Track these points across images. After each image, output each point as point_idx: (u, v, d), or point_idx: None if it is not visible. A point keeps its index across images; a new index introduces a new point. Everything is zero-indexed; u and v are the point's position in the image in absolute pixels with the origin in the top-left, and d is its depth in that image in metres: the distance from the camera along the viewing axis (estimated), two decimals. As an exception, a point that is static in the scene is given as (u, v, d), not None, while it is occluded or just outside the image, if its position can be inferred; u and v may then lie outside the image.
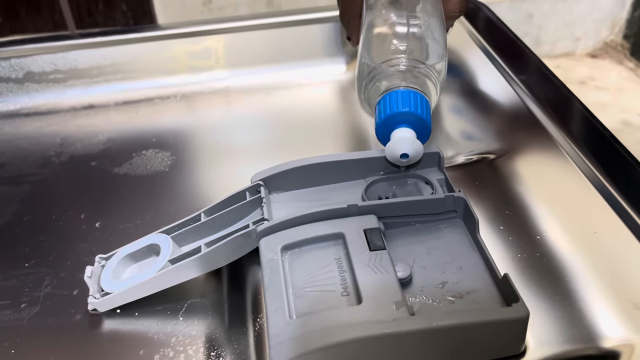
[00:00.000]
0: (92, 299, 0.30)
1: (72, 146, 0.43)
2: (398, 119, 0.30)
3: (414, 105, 0.30)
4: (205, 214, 0.32)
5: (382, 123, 0.31)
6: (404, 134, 0.30)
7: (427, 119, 0.30)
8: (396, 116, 0.30)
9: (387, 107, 0.30)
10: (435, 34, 0.33)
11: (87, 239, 0.35)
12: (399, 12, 0.34)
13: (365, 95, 0.33)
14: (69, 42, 0.48)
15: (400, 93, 0.30)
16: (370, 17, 0.34)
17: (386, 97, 0.31)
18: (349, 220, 0.29)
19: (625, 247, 0.29)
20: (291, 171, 0.32)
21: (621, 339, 0.25)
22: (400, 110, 0.30)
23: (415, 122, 0.30)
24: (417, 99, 0.30)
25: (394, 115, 0.30)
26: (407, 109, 0.30)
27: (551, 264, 0.29)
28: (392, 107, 0.30)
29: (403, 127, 0.30)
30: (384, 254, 0.27)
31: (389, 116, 0.30)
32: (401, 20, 0.33)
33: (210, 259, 0.30)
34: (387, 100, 0.31)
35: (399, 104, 0.30)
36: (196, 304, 0.31)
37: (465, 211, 0.29)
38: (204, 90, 0.49)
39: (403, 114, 0.30)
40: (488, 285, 0.26)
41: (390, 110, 0.30)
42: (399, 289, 0.25)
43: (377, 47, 0.33)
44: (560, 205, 0.33)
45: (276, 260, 0.27)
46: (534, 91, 0.40)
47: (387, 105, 0.31)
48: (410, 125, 0.30)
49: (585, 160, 0.34)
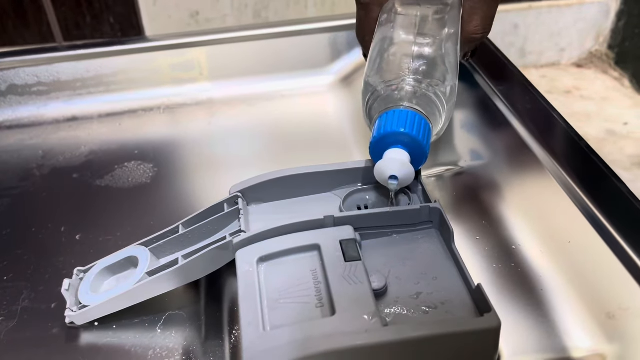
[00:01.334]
0: (70, 312, 0.30)
1: (54, 159, 0.43)
2: (393, 139, 0.29)
3: (409, 126, 0.28)
4: (183, 226, 0.32)
5: (376, 142, 0.29)
6: (396, 155, 0.28)
7: (423, 141, 0.28)
8: (391, 136, 0.28)
9: (383, 126, 0.29)
10: (447, 57, 0.32)
11: (67, 252, 0.35)
12: (408, 31, 0.32)
13: (367, 111, 0.32)
14: (52, 55, 0.48)
15: (399, 112, 0.29)
16: (380, 35, 0.33)
17: (384, 116, 0.29)
18: (325, 232, 0.29)
19: (598, 257, 0.29)
20: (269, 182, 0.32)
21: (593, 348, 0.26)
22: (395, 130, 0.28)
23: (411, 144, 0.29)
24: (416, 121, 0.29)
25: (389, 135, 0.28)
26: (403, 129, 0.28)
27: (526, 274, 0.29)
28: (388, 126, 0.29)
29: (397, 148, 0.29)
30: (359, 265, 0.27)
31: (383, 135, 0.28)
32: (410, 39, 0.32)
33: (188, 271, 0.30)
34: (385, 118, 0.29)
35: (395, 123, 0.29)
36: (174, 316, 0.31)
37: (441, 222, 0.30)
38: (187, 102, 0.49)
39: (399, 134, 0.28)
40: (462, 295, 0.27)
41: (385, 129, 0.29)
42: (372, 300, 0.25)
43: (384, 66, 0.32)
44: (536, 216, 0.33)
45: (252, 272, 0.27)
46: (513, 102, 0.41)
47: (383, 123, 0.29)
48: (406, 148, 0.29)
49: (562, 172, 0.34)
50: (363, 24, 0.35)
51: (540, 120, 0.38)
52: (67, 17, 0.75)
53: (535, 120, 0.38)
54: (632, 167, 0.71)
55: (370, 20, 0.35)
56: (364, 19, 0.35)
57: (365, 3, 0.34)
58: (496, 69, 0.44)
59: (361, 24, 0.36)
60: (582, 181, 0.33)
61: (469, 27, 0.33)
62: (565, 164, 0.34)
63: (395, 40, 0.32)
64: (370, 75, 0.32)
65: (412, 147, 0.29)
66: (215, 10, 0.77)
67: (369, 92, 0.31)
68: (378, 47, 0.33)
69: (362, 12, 0.35)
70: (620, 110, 0.81)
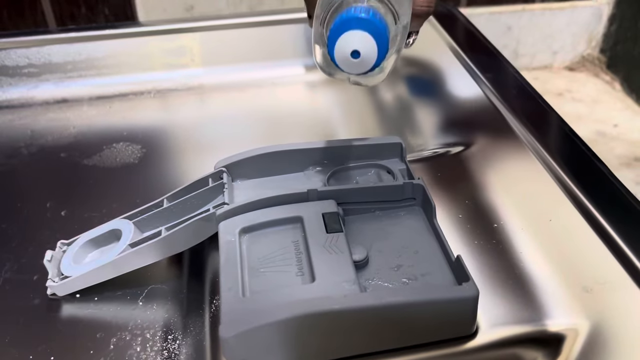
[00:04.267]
0: (51, 283, 0.30)
1: (43, 138, 0.43)
2: (353, 25, 0.26)
3: (372, 15, 0.26)
4: (167, 199, 0.32)
5: (335, 28, 0.27)
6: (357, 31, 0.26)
7: (384, 30, 0.26)
8: (351, 21, 0.26)
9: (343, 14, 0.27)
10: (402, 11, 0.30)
11: (51, 227, 0.35)
12: None
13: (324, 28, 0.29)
14: (43, 37, 0.48)
15: (359, 7, 0.27)
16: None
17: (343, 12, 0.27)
18: (308, 205, 0.29)
19: (578, 234, 0.29)
20: (254, 158, 0.32)
21: (569, 322, 0.26)
22: (357, 15, 0.26)
23: (372, 30, 0.26)
24: (378, 15, 0.27)
25: (349, 20, 0.26)
26: (364, 15, 0.26)
27: (506, 250, 0.30)
28: (349, 13, 0.26)
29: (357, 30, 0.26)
30: (340, 236, 0.27)
31: (344, 20, 0.26)
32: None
33: (170, 242, 0.30)
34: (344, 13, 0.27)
35: (356, 12, 0.26)
36: (156, 289, 0.31)
37: (424, 198, 0.30)
38: (178, 87, 0.49)
39: (359, 19, 0.26)
40: (442, 267, 0.27)
41: (347, 15, 0.26)
42: (352, 268, 0.25)
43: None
44: (519, 196, 0.33)
45: (233, 242, 0.27)
46: (500, 89, 0.41)
47: (343, 14, 0.27)
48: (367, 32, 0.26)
49: (544, 153, 0.34)
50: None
51: (525, 105, 0.38)
52: (62, 8, 0.75)
53: (520, 104, 0.38)
54: (621, 167, 0.71)
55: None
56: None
57: None
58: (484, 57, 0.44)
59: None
60: (564, 163, 0.33)
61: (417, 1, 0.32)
62: (548, 146, 0.35)
63: None
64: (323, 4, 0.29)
65: (373, 32, 0.26)
66: (210, 4, 0.78)
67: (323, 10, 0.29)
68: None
69: None
70: (610, 112, 0.82)
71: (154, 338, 0.28)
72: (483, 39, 0.48)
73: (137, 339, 0.28)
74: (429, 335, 0.25)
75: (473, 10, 0.88)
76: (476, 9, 0.88)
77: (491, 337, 0.26)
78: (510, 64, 0.43)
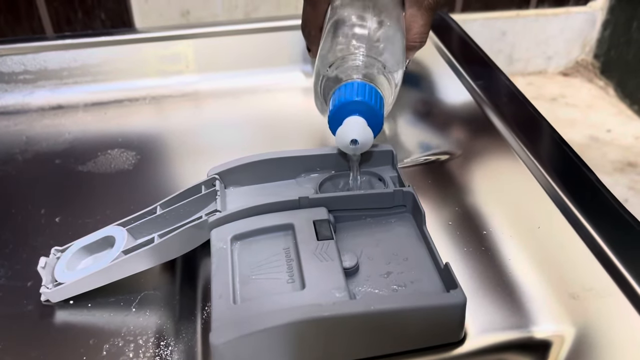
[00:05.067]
0: (45, 289, 0.30)
1: (38, 145, 0.44)
2: (350, 108, 0.30)
3: (368, 96, 0.30)
4: (161, 206, 0.32)
5: (335, 111, 0.30)
6: (355, 120, 0.30)
7: (379, 111, 0.30)
8: (348, 105, 0.30)
9: (341, 97, 0.30)
10: (395, 48, 0.33)
11: (45, 233, 0.35)
12: (360, 16, 0.34)
13: (321, 90, 0.33)
14: (39, 44, 0.49)
15: (355, 84, 0.30)
16: (333, 19, 0.35)
17: (341, 88, 0.31)
18: (299, 212, 0.29)
19: (566, 241, 0.29)
20: (246, 165, 0.33)
21: (555, 328, 0.26)
22: (353, 99, 0.30)
23: (368, 112, 0.30)
24: (372, 92, 0.30)
25: (347, 104, 0.30)
26: (361, 98, 0.30)
27: (495, 257, 0.30)
28: (346, 96, 0.30)
29: (355, 115, 0.30)
30: (331, 244, 0.27)
31: (342, 104, 0.30)
32: (363, 24, 0.34)
33: (163, 249, 0.30)
34: (342, 90, 0.31)
35: (352, 94, 0.30)
36: (149, 295, 0.31)
37: (414, 205, 0.30)
38: (173, 94, 0.50)
39: (356, 102, 0.30)
40: (431, 274, 0.27)
41: (344, 98, 0.30)
42: (342, 275, 0.26)
43: (337, 44, 0.33)
44: (508, 204, 0.33)
45: (225, 249, 0.28)
46: (491, 96, 0.41)
47: (341, 95, 0.30)
48: (363, 115, 0.30)
49: (534, 160, 0.35)
50: (310, 19, 0.36)
51: (514, 111, 0.39)
52: (59, 13, 0.75)
53: (509, 111, 0.39)
54: (614, 172, 0.72)
55: (318, 16, 0.36)
56: (311, 13, 0.36)
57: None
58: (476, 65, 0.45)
59: (308, 18, 0.37)
60: (553, 170, 0.34)
61: (409, 35, 0.35)
62: (538, 154, 0.35)
63: (348, 23, 0.34)
64: (323, 49, 0.33)
65: (369, 114, 0.30)
66: (206, 9, 0.78)
67: (323, 70, 0.33)
68: (331, 31, 0.34)
69: (309, 7, 0.36)
70: (604, 117, 0.82)
71: (147, 344, 0.28)
72: (475, 46, 0.48)
73: (129, 345, 0.28)
74: (417, 341, 0.25)
75: (468, 15, 0.88)
76: (471, 14, 0.88)
77: (479, 344, 0.26)
78: (501, 71, 0.43)
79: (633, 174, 0.72)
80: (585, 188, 0.32)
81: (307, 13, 0.36)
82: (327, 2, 0.36)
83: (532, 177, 0.34)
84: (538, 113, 0.38)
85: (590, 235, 0.29)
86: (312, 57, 0.38)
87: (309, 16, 0.36)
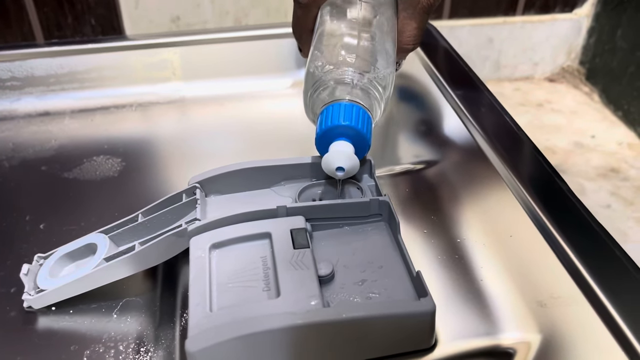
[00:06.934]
0: (27, 296, 0.31)
1: (24, 151, 0.44)
2: (337, 132, 0.30)
3: (355, 120, 0.30)
4: (142, 214, 0.33)
5: (322, 134, 0.31)
6: (342, 147, 0.30)
7: (366, 134, 0.30)
8: (336, 129, 0.30)
9: (329, 119, 0.31)
10: (387, 52, 0.33)
11: (29, 240, 0.36)
12: (351, 25, 0.34)
13: (310, 104, 0.33)
14: (26, 51, 0.49)
15: (343, 106, 0.30)
16: (322, 27, 0.35)
17: (329, 109, 0.31)
18: (277, 221, 0.30)
19: (536, 250, 0.30)
20: (227, 174, 0.33)
21: (522, 336, 0.27)
22: (340, 123, 0.30)
23: (355, 136, 0.30)
24: (360, 114, 0.30)
25: (334, 128, 0.30)
26: (348, 122, 0.30)
27: (467, 265, 0.31)
28: (333, 120, 0.30)
29: (342, 140, 0.30)
30: (307, 252, 0.28)
31: (329, 128, 0.30)
32: (352, 32, 0.33)
33: (144, 257, 0.31)
34: (330, 111, 0.31)
35: (340, 117, 0.30)
36: (131, 302, 0.32)
37: (389, 215, 0.31)
38: (159, 101, 0.50)
39: (343, 127, 0.30)
40: (404, 282, 0.28)
41: (332, 122, 0.30)
42: (316, 284, 0.26)
43: (325, 56, 0.33)
44: (483, 213, 0.34)
45: (203, 257, 0.28)
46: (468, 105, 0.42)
47: (328, 117, 0.31)
48: (350, 139, 0.30)
49: (509, 171, 0.35)
50: (300, 23, 0.36)
51: (492, 122, 0.39)
52: (49, 18, 0.76)
53: (488, 122, 0.40)
54: (597, 177, 0.73)
55: (308, 19, 0.35)
56: (302, 17, 0.35)
57: (304, 3, 0.35)
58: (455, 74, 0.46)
59: (298, 22, 0.36)
60: (528, 180, 0.34)
61: (402, 38, 0.34)
62: (514, 164, 0.36)
63: (336, 34, 0.34)
64: (312, 69, 0.33)
65: (356, 139, 0.31)
66: (196, 15, 0.79)
67: (311, 85, 0.33)
68: (321, 38, 0.34)
69: (299, 11, 0.35)
70: (588, 123, 0.84)
71: (127, 350, 0.29)
72: (456, 56, 0.49)
73: (110, 351, 0.29)
74: (389, 348, 0.26)
75: (455, 22, 0.89)
76: (458, 20, 0.89)
77: (449, 350, 0.27)
78: (481, 82, 0.44)
79: (616, 179, 0.73)
80: (557, 198, 0.33)
81: (298, 17, 0.36)
82: (317, 6, 0.35)
83: (506, 187, 0.35)
84: (515, 124, 0.39)
85: (560, 244, 0.30)
86: (303, 57, 0.37)
87: (300, 21, 0.36)
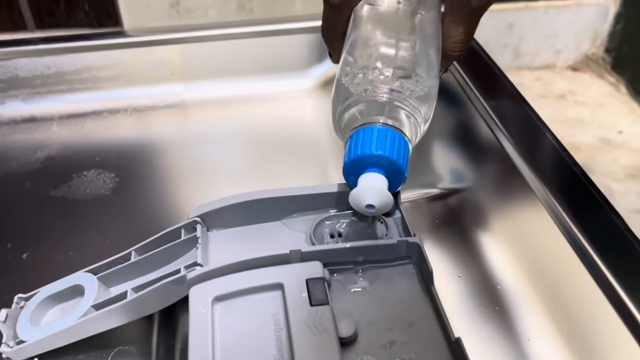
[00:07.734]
0: (5, 348, 0.27)
1: (7, 164, 0.40)
2: (369, 162, 0.26)
3: (389, 148, 0.26)
4: (136, 252, 0.29)
5: (350, 163, 0.26)
6: (373, 182, 0.26)
7: (402, 165, 0.26)
8: (367, 158, 0.26)
9: (358, 146, 0.26)
10: (428, 63, 0.29)
11: (11, 273, 0.32)
12: (389, 31, 0.29)
13: (339, 120, 0.29)
14: (9, 49, 0.45)
15: (376, 131, 0.26)
16: (355, 33, 0.30)
17: (359, 133, 0.26)
18: (290, 268, 0.26)
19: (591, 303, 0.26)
20: (232, 207, 0.29)
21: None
22: (372, 152, 0.26)
23: (389, 168, 0.26)
24: (395, 141, 0.26)
25: (365, 157, 0.26)
26: (381, 152, 0.26)
27: (510, 321, 0.27)
28: (364, 147, 0.26)
29: (373, 172, 0.26)
30: (326, 310, 0.24)
31: (359, 157, 0.26)
32: (390, 41, 0.29)
33: (137, 305, 0.27)
34: (360, 136, 0.26)
35: (372, 144, 0.26)
36: (124, 351, 0.28)
37: (420, 258, 0.27)
38: (157, 104, 0.46)
39: (376, 157, 0.26)
40: (439, 347, 0.24)
41: (362, 150, 0.26)
42: (337, 349, 0.23)
43: (359, 66, 0.28)
44: (523, 250, 0.30)
45: (205, 314, 0.24)
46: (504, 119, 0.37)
47: (358, 143, 0.26)
48: (383, 171, 0.26)
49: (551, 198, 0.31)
50: (331, 26, 0.32)
51: (531, 139, 0.35)
52: (40, 3, 0.71)
53: (526, 139, 0.35)
54: (625, 178, 0.68)
55: (340, 22, 0.31)
56: (333, 19, 0.31)
57: (335, 4, 0.31)
58: (488, 81, 0.41)
59: (329, 25, 0.32)
60: (573, 210, 0.30)
61: (447, 44, 0.30)
62: (555, 189, 0.31)
63: (371, 42, 0.29)
64: (343, 80, 0.28)
65: (390, 170, 0.26)
66: (197, 0, 0.74)
67: (341, 99, 0.28)
68: (353, 47, 0.30)
69: (330, 13, 0.31)
70: (615, 117, 0.78)
71: (119, 412, 0.25)
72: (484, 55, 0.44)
73: (99, 413, 0.25)
74: None
75: (474, 7, 0.84)
76: (477, 5, 0.84)
77: None
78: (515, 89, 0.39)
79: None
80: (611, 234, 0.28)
81: (328, 20, 0.32)
82: (350, 8, 0.31)
83: (548, 216, 0.31)
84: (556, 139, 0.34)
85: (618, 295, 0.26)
86: (334, 62, 0.33)
87: (331, 24, 0.32)
